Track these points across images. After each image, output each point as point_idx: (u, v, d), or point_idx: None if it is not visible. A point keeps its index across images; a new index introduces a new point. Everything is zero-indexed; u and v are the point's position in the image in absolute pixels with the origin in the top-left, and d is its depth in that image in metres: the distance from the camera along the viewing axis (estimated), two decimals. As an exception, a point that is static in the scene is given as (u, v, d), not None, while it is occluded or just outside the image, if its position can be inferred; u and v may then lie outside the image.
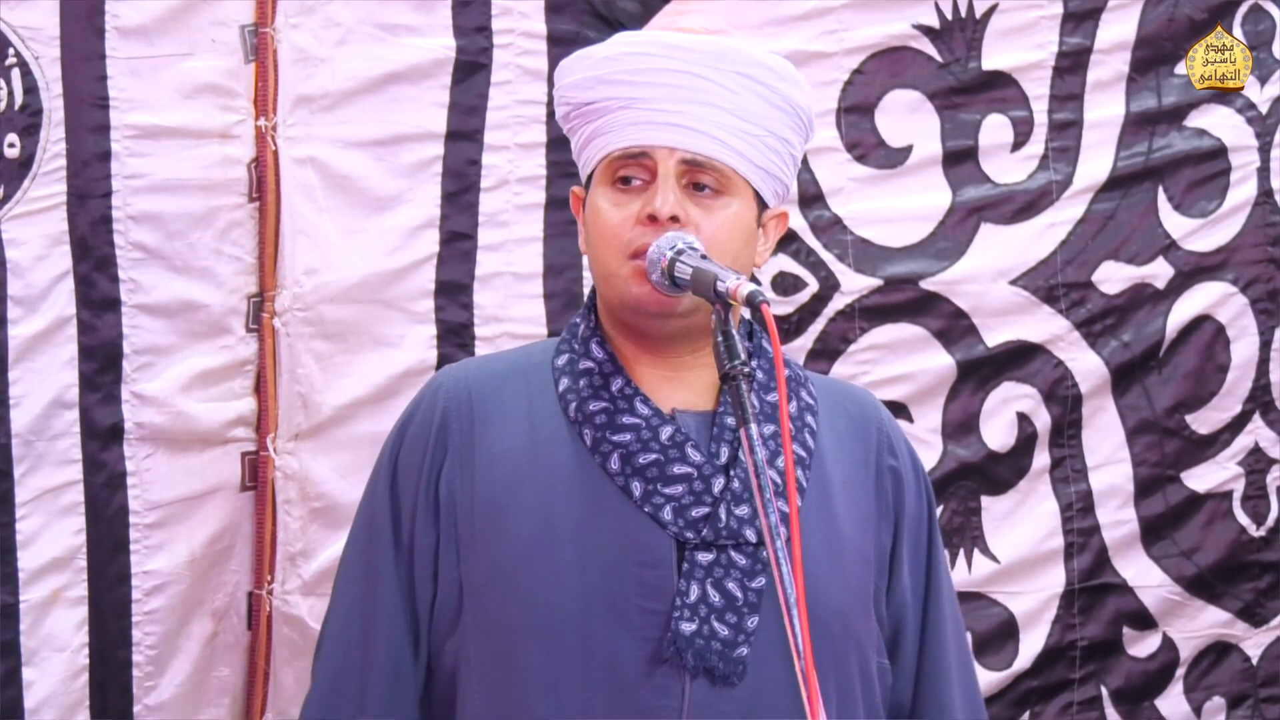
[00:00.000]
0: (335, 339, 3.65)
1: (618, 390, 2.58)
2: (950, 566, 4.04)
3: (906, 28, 3.97)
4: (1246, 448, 4.18)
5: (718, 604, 2.52)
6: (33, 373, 3.44)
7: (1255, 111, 4.13)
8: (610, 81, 2.59)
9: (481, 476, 2.57)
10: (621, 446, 2.55)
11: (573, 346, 2.64)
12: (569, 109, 2.65)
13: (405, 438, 2.64)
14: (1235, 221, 4.14)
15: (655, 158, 2.56)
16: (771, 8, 3.89)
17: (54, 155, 3.45)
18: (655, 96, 2.57)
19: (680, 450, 2.55)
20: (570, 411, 2.58)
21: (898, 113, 3.99)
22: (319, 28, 3.64)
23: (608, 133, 2.59)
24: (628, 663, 2.51)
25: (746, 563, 2.53)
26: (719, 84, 2.59)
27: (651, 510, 2.53)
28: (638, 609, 2.52)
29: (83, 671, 3.50)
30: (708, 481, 2.55)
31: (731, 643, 2.51)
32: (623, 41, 2.65)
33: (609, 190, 2.59)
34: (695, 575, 2.52)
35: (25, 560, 3.44)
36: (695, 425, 2.59)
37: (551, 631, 2.52)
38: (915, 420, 4.02)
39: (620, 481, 2.54)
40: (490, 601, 2.55)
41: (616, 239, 2.56)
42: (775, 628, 2.49)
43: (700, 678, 2.51)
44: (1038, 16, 4.02)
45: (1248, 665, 4.22)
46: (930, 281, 4.00)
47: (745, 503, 2.55)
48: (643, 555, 2.53)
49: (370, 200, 3.68)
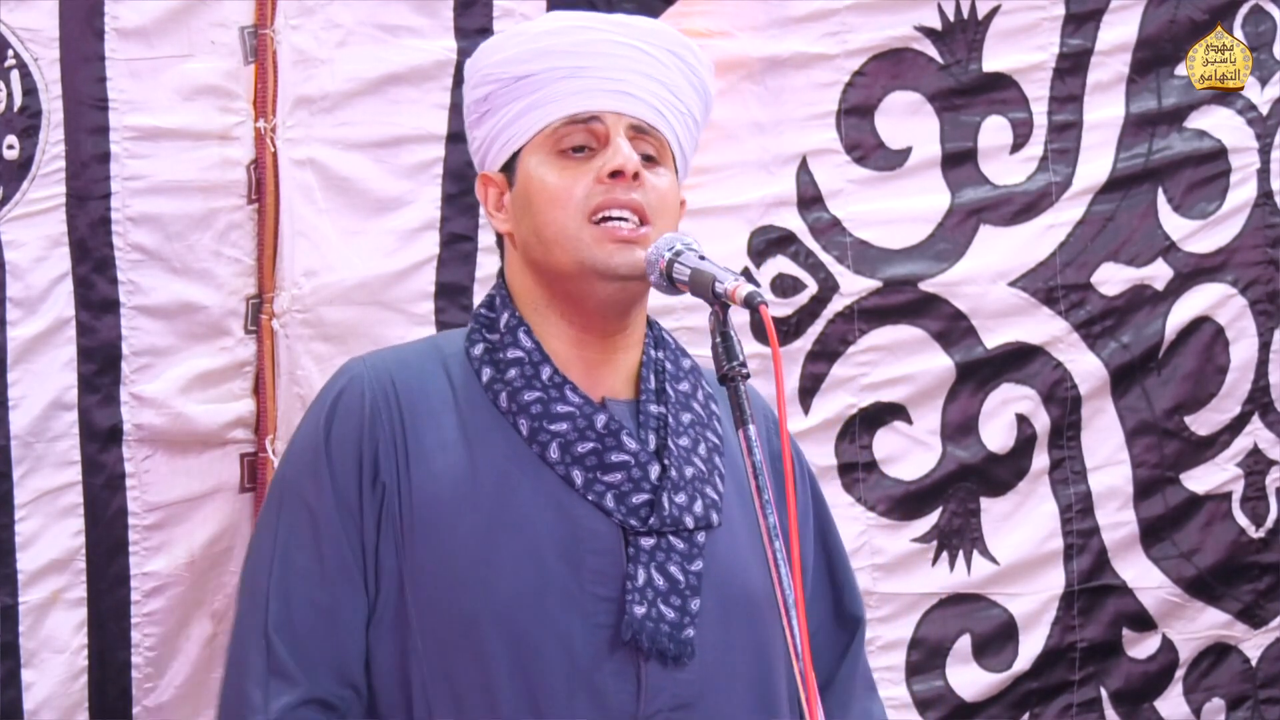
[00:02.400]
0: (335, 341, 3.65)
1: (547, 379, 2.59)
2: (950, 568, 4.05)
3: (909, 29, 3.97)
4: (1246, 449, 4.18)
5: (662, 587, 2.55)
6: (32, 374, 3.44)
7: (1256, 113, 4.13)
8: (553, 53, 2.60)
9: (418, 469, 2.56)
10: (559, 435, 2.57)
11: (487, 336, 2.64)
12: (495, 87, 2.64)
13: (332, 432, 2.60)
14: (1235, 223, 4.14)
15: (605, 122, 2.59)
16: (775, 9, 3.89)
17: (53, 157, 3.44)
18: (601, 65, 2.60)
19: (616, 438, 2.58)
20: (501, 402, 2.59)
21: (898, 114, 3.99)
22: (319, 29, 3.64)
23: (549, 103, 2.60)
24: (583, 648, 2.53)
25: (684, 547, 2.58)
26: (656, 59, 2.64)
27: (595, 498, 2.56)
28: (590, 595, 2.54)
29: (82, 673, 3.50)
30: (645, 469, 2.58)
31: (679, 624, 2.55)
32: (558, 18, 2.71)
33: (554, 159, 2.61)
34: (640, 560, 2.55)
35: (24, 562, 3.44)
36: (622, 414, 2.62)
37: (508, 620, 2.52)
38: (914, 422, 4.02)
39: (561, 470, 2.56)
40: (439, 593, 2.54)
41: (572, 201, 2.57)
42: (714, 610, 2.58)
43: (653, 659, 2.55)
44: (1039, 18, 4.02)
45: (1247, 667, 4.22)
46: (929, 283, 4.00)
47: (682, 490, 2.58)
48: (593, 543, 2.55)
49: (370, 202, 3.68)
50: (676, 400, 2.66)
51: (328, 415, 2.61)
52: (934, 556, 4.04)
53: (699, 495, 2.60)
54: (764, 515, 2.34)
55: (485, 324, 2.66)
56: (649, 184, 2.60)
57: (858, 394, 3.99)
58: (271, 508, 2.64)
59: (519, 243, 2.66)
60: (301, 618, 2.55)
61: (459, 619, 2.53)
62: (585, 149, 2.60)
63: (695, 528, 2.59)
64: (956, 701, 4.07)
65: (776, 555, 2.34)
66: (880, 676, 4.01)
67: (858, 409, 3.99)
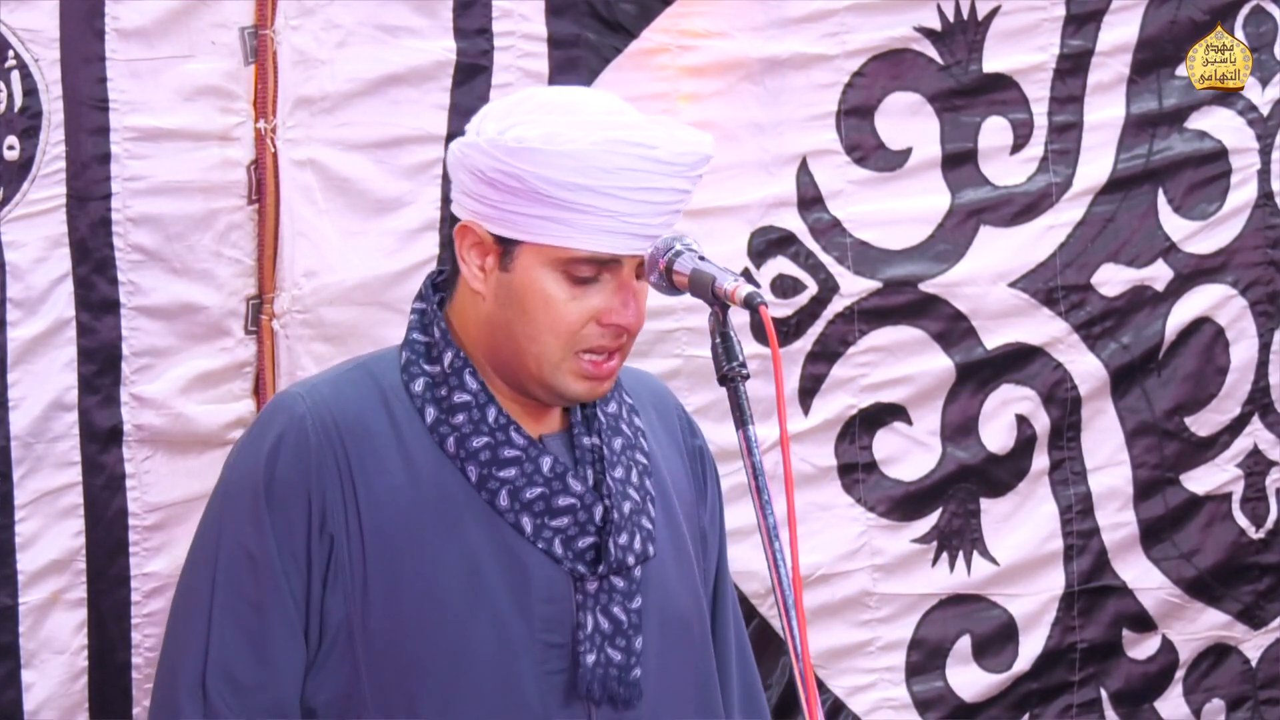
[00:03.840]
0: (335, 341, 3.65)
1: (493, 420, 2.57)
2: (950, 569, 4.05)
3: (908, 30, 3.97)
4: (1246, 450, 4.18)
5: (607, 630, 2.57)
6: (32, 375, 3.43)
7: (1256, 114, 4.13)
8: (596, 191, 2.49)
9: (368, 516, 2.53)
10: (508, 483, 2.56)
11: (426, 369, 2.60)
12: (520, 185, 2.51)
13: (275, 477, 2.54)
14: (1235, 224, 4.15)
15: (620, 262, 2.54)
16: (774, 10, 3.89)
17: (54, 157, 3.44)
18: (636, 212, 2.51)
19: (562, 481, 2.57)
20: (449, 446, 2.56)
21: (898, 115, 3.99)
22: (319, 29, 3.63)
23: (574, 227, 2.51)
24: (537, 699, 2.54)
25: (624, 585, 2.58)
26: (685, 192, 2.57)
27: (544, 545, 2.56)
28: (541, 643, 2.55)
29: (82, 674, 3.50)
30: (590, 511, 2.57)
31: (626, 666, 2.57)
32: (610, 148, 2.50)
33: (563, 282, 2.54)
34: (587, 605, 2.56)
35: (24, 562, 3.44)
36: (560, 449, 2.61)
37: (461, 672, 2.52)
38: (914, 423, 4.02)
39: (511, 519, 2.55)
40: (391, 642, 2.52)
41: (569, 332, 2.54)
42: (654, 643, 2.59)
43: (605, 705, 2.56)
44: (1040, 19, 4.03)
45: (1247, 667, 4.22)
46: (929, 284, 4.01)
47: (624, 530, 2.58)
48: (543, 591, 2.55)
49: (370, 203, 3.68)
50: (607, 426, 2.65)
51: (269, 457, 2.55)
52: (934, 557, 4.05)
53: (637, 530, 2.61)
54: (763, 515, 2.35)
55: (422, 354, 2.61)
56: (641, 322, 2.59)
57: (858, 395, 3.99)
58: (207, 546, 2.58)
59: (489, 316, 2.59)
60: (239, 664, 2.52)
61: (409, 670, 2.52)
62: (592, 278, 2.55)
63: (635, 564, 2.59)
64: (956, 702, 4.07)
65: (776, 556, 2.34)
66: (880, 677, 4.03)
67: (858, 410, 4.00)
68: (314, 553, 2.53)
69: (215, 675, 2.52)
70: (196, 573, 2.58)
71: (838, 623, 3.99)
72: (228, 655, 2.52)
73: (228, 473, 2.63)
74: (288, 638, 2.53)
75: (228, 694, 2.52)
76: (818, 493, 3.98)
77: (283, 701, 2.53)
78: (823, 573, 3.98)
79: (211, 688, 2.52)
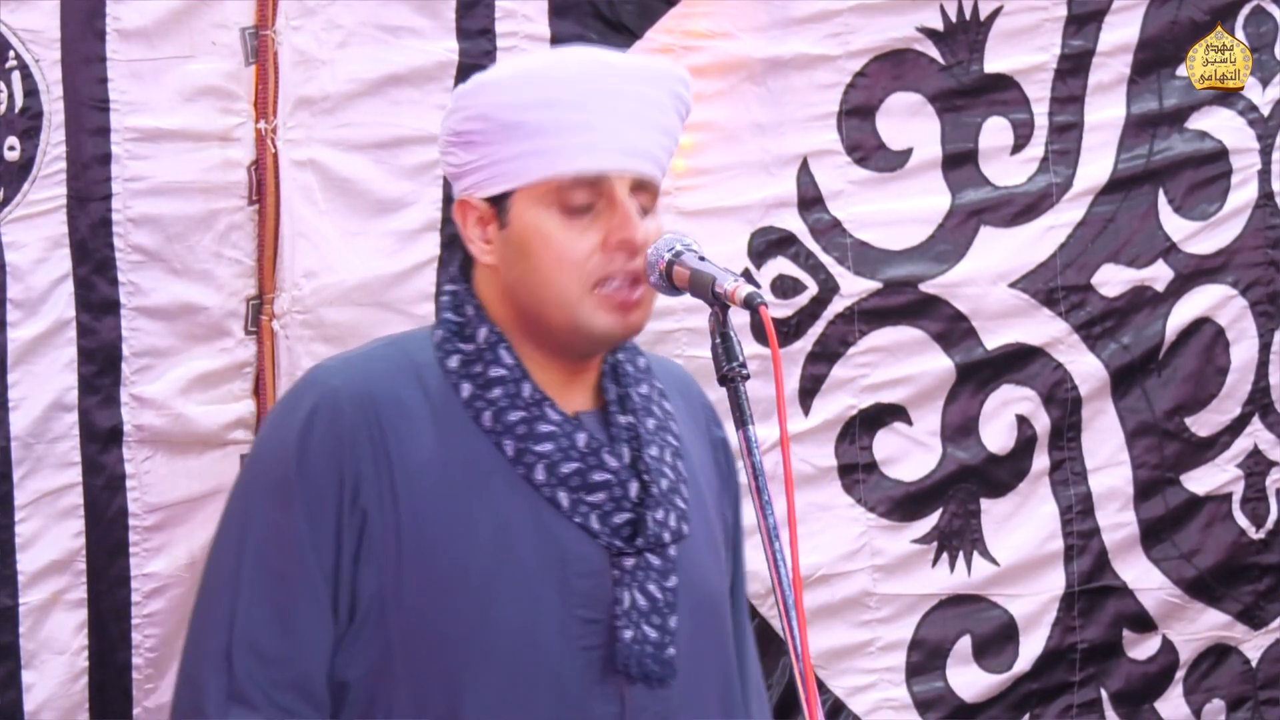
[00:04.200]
0: (336, 342, 3.65)
1: (528, 396, 2.56)
2: (950, 569, 4.06)
3: (910, 30, 3.97)
4: (1246, 450, 4.18)
5: (644, 607, 2.54)
6: (32, 375, 3.44)
7: (1257, 114, 4.13)
8: (559, 104, 2.51)
9: (403, 490, 2.51)
10: (545, 457, 2.54)
11: (461, 347, 2.59)
12: (487, 125, 2.54)
13: (308, 452, 2.51)
14: (1236, 224, 4.15)
15: (611, 182, 2.53)
16: (778, 10, 3.89)
17: (54, 158, 3.44)
18: (608, 121, 2.52)
19: (598, 457, 2.55)
20: (484, 421, 2.55)
21: (899, 115, 3.99)
22: (320, 30, 3.64)
23: (553, 154, 2.52)
24: (572, 675, 2.52)
25: (660, 563, 2.56)
26: (656, 105, 2.56)
27: (581, 520, 2.54)
28: (577, 619, 2.53)
29: (82, 674, 3.50)
30: (625, 487, 2.56)
31: (661, 644, 2.55)
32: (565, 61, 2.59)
33: (558, 215, 2.53)
34: (624, 581, 2.54)
35: (24, 563, 3.44)
36: (594, 426, 2.60)
37: (495, 646, 2.51)
38: (914, 423, 4.02)
39: (547, 493, 2.53)
40: (424, 616, 2.51)
41: (575, 265, 2.51)
42: (687, 622, 2.57)
43: (639, 683, 2.54)
44: (1041, 19, 4.03)
45: (1247, 668, 4.22)
46: (930, 284, 4.01)
47: (660, 506, 2.57)
48: (580, 566, 2.53)
49: (371, 203, 3.68)
50: (640, 406, 2.64)
51: (301, 432, 2.52)
52: (934, 557, 4.05)
53: (672, 508, 2.59)
54: (763, 516, 2.35)
55: (456, 332, 2.60)
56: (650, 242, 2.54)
57: (858, 395, 4.00)
58: (235, 521, 2.57)
59: (505, 282, 2.59)
60: (265, 637, 2.50)
61: (444, 646, 2.51)
62: (588, 206, 2.54)
63: (670, 541, 2.58)
64: (957, 702, 4.07)
65: (776, 556, 2.34)
66: (880, 677, 4.03)
67: (858, 410, 4.00)
68: (345, 527, 2.50)
69: (240, 647, 2.50)
70: (225, 546, 2.57)
71: (838, 623, 3.99)
72: (254, 628, 2.51)
73: (259, 446, 2.63)
74: (315, 612, 2.51)
75: (254, 666, 2.50)
76: (818, 493, 3.98)
77: (308, 675, 2.51)
78: (823, 573, 3.98)
79: (237, 659, 2.50)
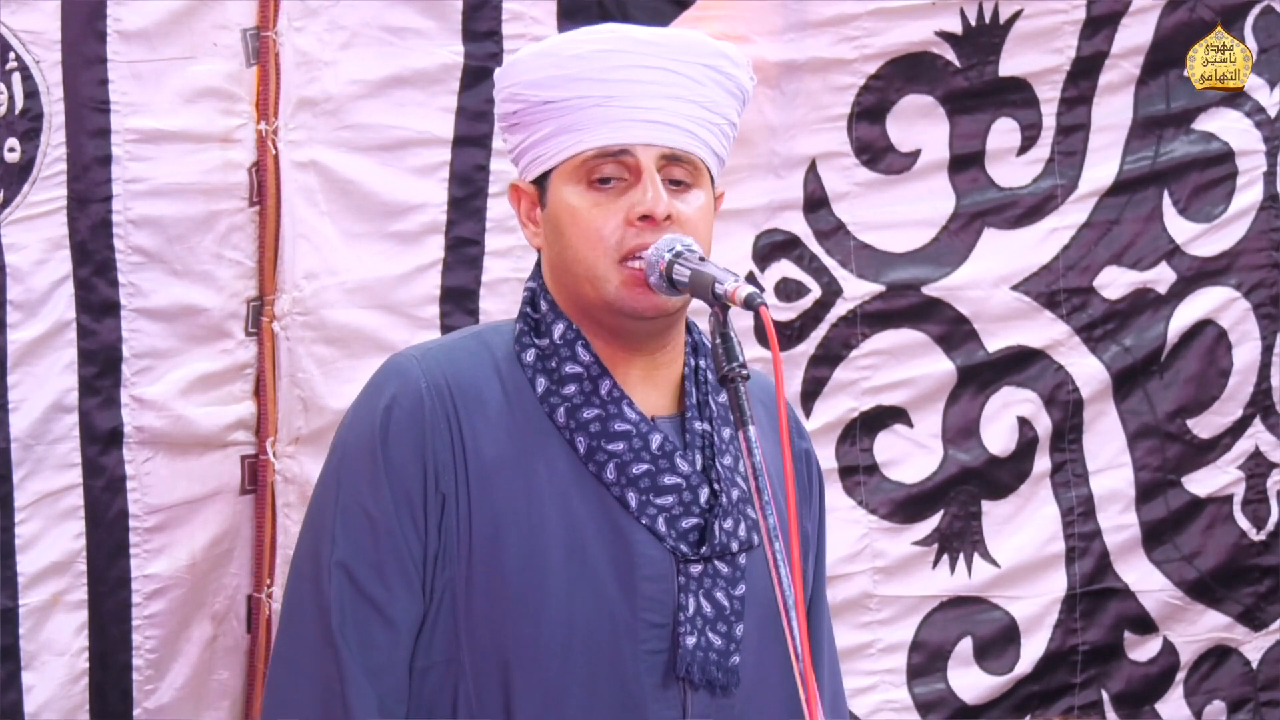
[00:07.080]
0: (338, 344, 3.65)
1: (606, 393, 2.56)
2: (951, 571, 4.05)
3: (929, 34, 3.96)
4: (1247, 452, 4.18)
5: (710, 614, 2.54)
6: (32, 377, 3.44)
7: (1264, 115, 4.12)
8: (582, 79, 2.54)
9: (477, 483, 2.53)
10: (616, 456, 2.54)
11: (538, 343, 2.59)
12: (522, 106, 2.58)
13: (390, 437, 2.54)
14: (1240, 226, 4.14)
15: (636, 155, 2.54)
16: (794, 14, 3.88)
17: (54, 159, 3.45)
18: (631, 93, 2.54)
19: (670, 460, 2.54)
20: (559, 417, 2.55)
21: (909, 117, 3.98)
22: (322, 31, 3.63)
23: (578, 130, 2.54)
24: (634, 678, 2.51)
25: (729, 571, 2.55)
26: (688, 76, 2.57)
27: (648, 522, 2.53)
28: (643, 622, 2.52)
29: (82, 675, 3.50)
30: (695, 492, 2.55)
31: (725, 652, 2.54)
32: (588, 38, 2.60)
33: (585, 190, 2.55)
34: (689, 588, 2.53)
35: (25, 564, 3.44)
36: (670, 431, 2.59)
37: (558, 642, 2.50)
38: (916, 425, 4.02)
39: (616, 492, 2.53)
40: (491, 607, 2.51)
41: (604, 242, 2.52)
42: (753, 631, 2.55)
43: (702, 689, 2.53)
44: (1060, 22, 4.01)
45: (1248, 669, 4.22)
46: (932, 287, 4.00)
47: (729, 515, 2.55)
48: (646, 568, 2.52)
49: (373, 205, 3.68)
50: (718, 415, 2.62)
51: (383, 418, 2.54)
52: (935, 559, 4.04)
53: (742, 518, 2.58)
54: (764, 516, 2.34)
55: (532, 327, 2.61)
56: (680, 215, 2.54)
57: (859, 397, 3.99)
58: (328, 509, 2.57)
59: (551, 264, 2.61)
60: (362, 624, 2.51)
61: (509, 636, 2.51)
62: (615, 180, 2.55)
63: (738, 550, 2.56)
64: (958, 704, 4.07)
65: (776, 556, 2.34)
66: (881, 679, 4.02)
67: (859, 412, 3.99)
68: (430, 512, 2.52)
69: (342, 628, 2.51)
70: (316, 538, 2.57)
71: (839, 625, 3.96)
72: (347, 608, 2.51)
73: (343, 434, 2.61)
74: (408, 599, 2.52)
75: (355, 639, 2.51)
76: (819, 495, 3.98)
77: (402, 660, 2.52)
78: (824, 575, 3.98)
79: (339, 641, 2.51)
